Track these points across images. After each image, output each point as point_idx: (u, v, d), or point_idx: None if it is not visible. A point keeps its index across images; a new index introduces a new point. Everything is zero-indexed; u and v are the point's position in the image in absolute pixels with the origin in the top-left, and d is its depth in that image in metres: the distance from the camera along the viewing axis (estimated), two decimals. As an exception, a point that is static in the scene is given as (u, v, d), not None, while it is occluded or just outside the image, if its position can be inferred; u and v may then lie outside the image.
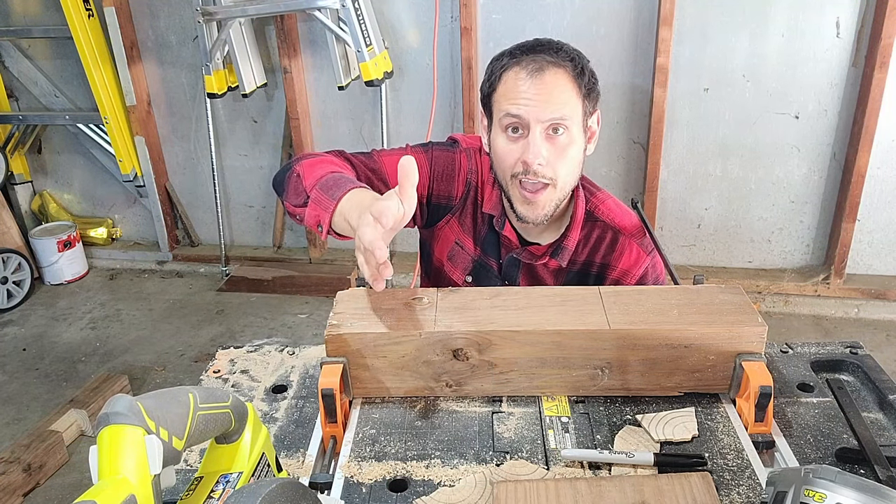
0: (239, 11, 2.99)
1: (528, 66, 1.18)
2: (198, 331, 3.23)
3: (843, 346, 1.14)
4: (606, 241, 1.33)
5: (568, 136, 1.19)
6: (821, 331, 3.09)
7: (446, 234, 1.39)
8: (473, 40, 3.05)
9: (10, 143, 3.66)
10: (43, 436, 2.35)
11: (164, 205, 3.76)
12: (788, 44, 2.88)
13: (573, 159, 1.22)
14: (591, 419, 0.98)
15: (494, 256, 1.37)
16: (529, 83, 1.17)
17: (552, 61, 1.17)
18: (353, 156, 1.31)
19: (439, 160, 1.35)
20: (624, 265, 1.33)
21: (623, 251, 1.33)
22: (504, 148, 1.22)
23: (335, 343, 0.98)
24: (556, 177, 1.20)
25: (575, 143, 1.21)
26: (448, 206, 1.37)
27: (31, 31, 3.48)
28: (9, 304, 3.46)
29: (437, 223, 1.39)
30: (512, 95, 1.18)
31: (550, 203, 1.23)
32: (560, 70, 1.17)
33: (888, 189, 3.05)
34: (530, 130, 1.17)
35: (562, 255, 1.31)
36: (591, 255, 1.34)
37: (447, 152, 1.36)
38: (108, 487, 0.58)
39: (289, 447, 0.97)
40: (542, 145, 1.18)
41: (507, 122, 1.20)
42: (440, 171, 1.35)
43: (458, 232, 1.38)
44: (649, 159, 3.11)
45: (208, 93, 3.19)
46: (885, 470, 0.86)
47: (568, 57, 1.19)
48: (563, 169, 1.21)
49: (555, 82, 1.17)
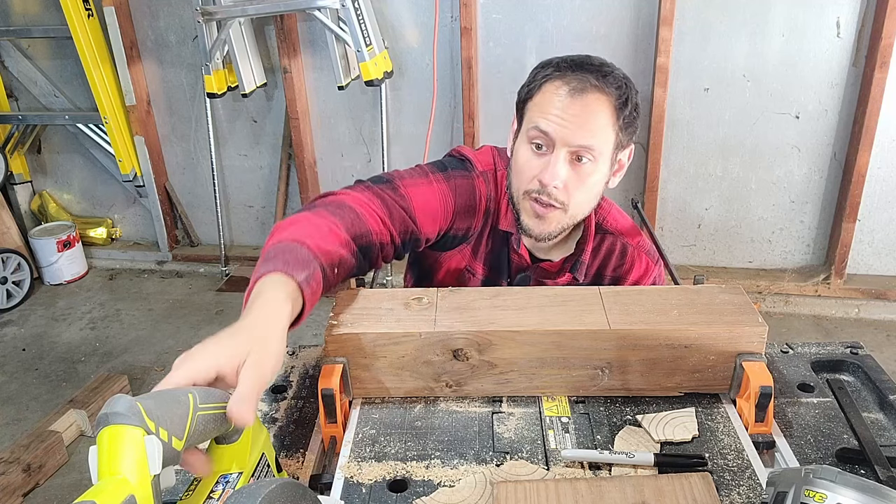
0: (239, 11, 2.98)
1: (571, 83, 1.11)
2: (197, 331, 3.23)
3: (843, 346, 1.14)
4: (616, 252, 1.31)
5: (592, 166, 1.13)
6: (821, 331, 3.09)
7: (456, 261, 1.32)
8: (473, 40, 3.04)
9: (10, 143, 3.66)
10: (42, 436, 2.35)
11: (164, 205, 3.76)
12: (789, 44, 2.88)
13: (592, 189, 1.17)
14: (592, 419, 0.98)
15: (504, 275, 1.32)
16: (567, 102, 1.10)
17: (596, 85, 1.10)
18: (382, 190, 1.15)
19: (461, 192, 1.24)
20: (635, 276, 1.32)
21: (633, 262, 1.31)
22: (525, 160, 1.16)
23: (335, 343, 0.97)
24: (569, 203, 1.15)
25: (598, 174, 1.15)
26: (465, 237, 1.29)
27: (31, 31, 3.48)
28: (8, 305, 3.46)
29: (447, 250, 1.31)
30: (546, 109, 1.12)
31: (558, 224, 1.19)
32: (602, 96, 1.11)
33: (888, 189, 3.05)
34: (555, 151, 1.12)
35: (579, 269, 1.27)
36: (602, 267, 1.32)
37: (466, 179, 1.25)
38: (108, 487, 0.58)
39: (289, 447, 0.96)
40: (562, 168, 1.12)
41: (534, 136, 1.14)
42: (463, 204, 1.25)
43: (470, 259, 1.32)
44: (649, 159, 3.11)
45: (208, 93, 3.19)
46: (885, 470, 0.86)
47: (615, 84, 1.12)
48: (579, 196, 1.16)
49: (593, 107, 1.11)
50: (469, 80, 3.10)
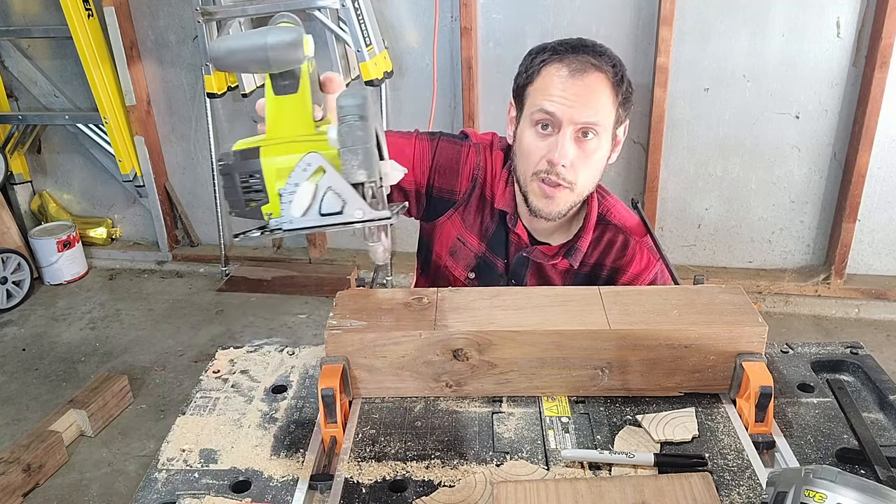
0: (239, 11, 2.98)
1: (571, 64, 1.16)
2: (197, 331, 3.23)
3: (843, 346, 1.14)
4: (617, 244, 1.33)
5: (597, 142, 1.19)
6: (821, 331, 3.09)
7: (448, 230, 1.38)
8: (473, 40, 3.04)
9: (10, 143, 3.66)
10: (42, 436, 2.35)
11: (164, 205, 3.76)
12: (789, 44, 2.88)
13: (596, 165, 1.22)
14: (592, 419, 0.98)
15: (501, 255, 1.36)
16: (570, 82, 1.15)
17: (595, 64, 1.16)
18: None
19: (444, 152, 1.33)
20: (635, 270, 1.33)
21: (634, 256, 1.33)
22: (531, 143, 1.21)
23: (335, 343, 0.97)
24: (576, 181, 1.20)
25: (601, 149, 1.21)
26: (451, 201, 1.35)
27: (31, 31, 3.48)
28: (8, 305, 3.46)
29: (438, 217, 1.37)
30: (550, 91, 1.17)
31: (566, 203, 1.23)
32: (601, 74, 1.17)
33: (888, 189, 3.05)
34: (561, 130, 1.17)
35: (574, 255, 1.31)
36: (602, 257, 1.34)
37: (454, 145, 1.34)
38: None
39: (289, 447, 0.96)
40: (570, 147, 1.17)
41: (539, 118, 1.19)
42: (443, 164, 1.32)
43: (461, 228, 1.37)
44: (649, 159, 3.11)
45: (208, 92, 3.19)
46: (885, 470, 0.86)
47: (610, 62, 1.18)
48: (585, 173, 1.21)
49: (594, 85, 1.16)
50: (469, 81, 3.10)
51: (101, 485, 2.32)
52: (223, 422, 1.02)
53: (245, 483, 0.90)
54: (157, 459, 0.95)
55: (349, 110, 0.70)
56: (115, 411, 2.62)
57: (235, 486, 0.90)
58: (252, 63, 0.72)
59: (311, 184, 0.69)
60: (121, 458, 2.44)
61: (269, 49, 0.70)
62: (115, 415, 2.61)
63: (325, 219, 0.71)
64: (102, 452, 2.46)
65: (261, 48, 0.70)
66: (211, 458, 0.95)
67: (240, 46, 0.71)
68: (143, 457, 2.44)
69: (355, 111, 0.69)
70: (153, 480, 0.91)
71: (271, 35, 0.70)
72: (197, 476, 0.92)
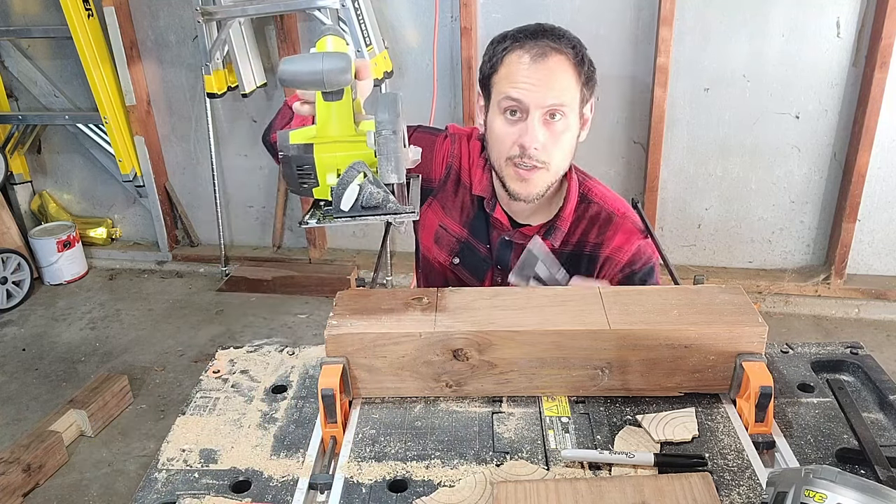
0: (239, 11, 2.98)
1: (532, 50, 1.20)
2: (197, 331, 3.23)
3: (843, 346, 1.14)
4: (600, 220, 1.35)
5: (564, 122, 1.22)
6: (821, 331, 3.09)
7: (430, 218, 1.41)
8: (473, 40, 3.04)
9: (10, 143, 3.66)
10: (42, 436, 2.35)
11: (164, 205, 3.76)
12: (788, 44, 2.88)
13: (567, 145, 1.25)
14: (592, 419, 0.98)
15: (483, 239, 1.38)
16: (532, 68, 1.18)
17: (555, 47, 1.20)
18: None
19: (419, 142, 1.36)
20: (617, 242, 1.34)
21: (617, 229, 1.34)
22: (501, 130, 1.24)
23: (335, 343, 0.97)
24: (550, 161, 1.23)
25: (570, 129, 1.24)
26: (428, 189, 1.39)
27: (31, 31, 3.48)
28: (8, 305, 3.46)
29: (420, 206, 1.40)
30: (514, 79, 1.20)
31: (543, 183, 1.26)
32: (562, 56, 1.20)
33: (888, 189, 3.05)
34: (529, 115, 1.20)
35: (554, 235, 1.32)
36: (585, 234, 1.35)
37: (428, 135, 1.40)
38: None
39: (289, 447, 0.97)
40: (539, 130, 1.20)
41: (507, 105, 1.21)
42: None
43: (441, 215, 1.40)
44: (649, 159, 3.11)
45: (208, 93, 3.19)
46: (885, 470, 0.86)
47: (570, 44, 1.21)
48: (558, 154, 1.24)
49: (557, 68, 1.19)
50: (469, 81, 3.10)
51: (101, 485, 2.32)
52: (223, 422, 1.02)
53: (245, 483, 0.90)
54: (157, 459, 0.95)
55: (384, 125, 0.86)
56: (115, 411, 2.62)
57: (235, 486, 0.90)
58: (310, 84, 0.89)
59: (356, 184, 0.88)
60: (121, 458, 2.44)
61: (324, 74, 0.86)
62: (115, 415, 2.61)
63: (365, 211, 0.89)
64: (102, 452, 2.46)
65: (318, 73, 0.86)
66: (211, 458, 0.95)
67: (300, 70, 0.87)
68: (143, 457, 2.44)
69: (389, 126, 0.86)
70: (153, 480, 0.91)
71: (326, 62, 0.86)
72: (197, 476, 0.92)
